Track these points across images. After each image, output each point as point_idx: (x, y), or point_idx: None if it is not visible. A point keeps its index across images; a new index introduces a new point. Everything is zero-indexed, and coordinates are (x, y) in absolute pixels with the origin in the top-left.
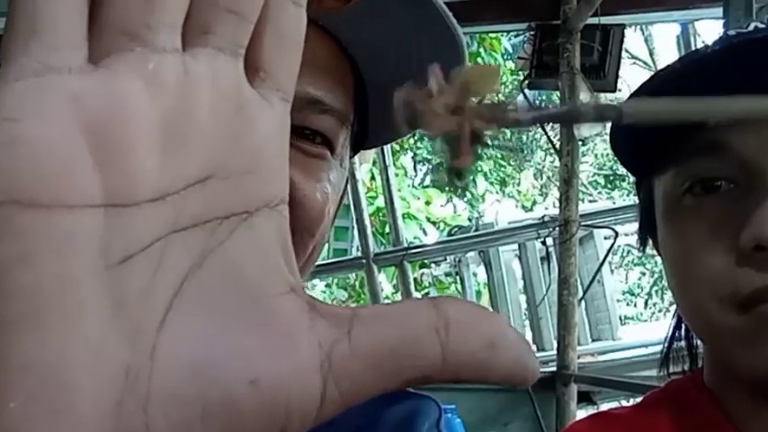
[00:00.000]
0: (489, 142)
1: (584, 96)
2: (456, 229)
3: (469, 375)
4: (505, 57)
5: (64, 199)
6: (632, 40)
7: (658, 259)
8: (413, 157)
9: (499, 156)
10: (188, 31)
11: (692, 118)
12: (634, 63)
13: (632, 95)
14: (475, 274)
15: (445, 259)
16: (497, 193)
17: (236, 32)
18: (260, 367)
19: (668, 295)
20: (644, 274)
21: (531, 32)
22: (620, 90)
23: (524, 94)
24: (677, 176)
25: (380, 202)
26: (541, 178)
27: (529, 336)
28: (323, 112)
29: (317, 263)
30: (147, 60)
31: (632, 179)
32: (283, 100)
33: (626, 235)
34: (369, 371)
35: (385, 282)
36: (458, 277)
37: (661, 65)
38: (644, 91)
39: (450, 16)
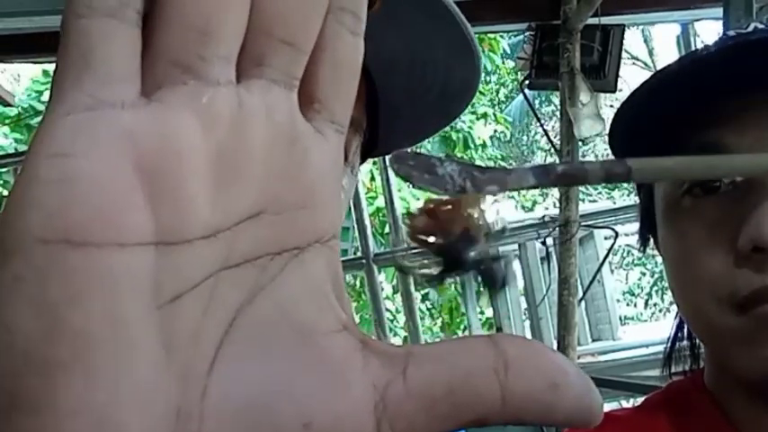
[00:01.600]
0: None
1: (584, 96)
2: None
3: (530, 418)
4: (505, 57)
5: (115, 237)
6: (632, 40)
7: (658, 259)
8: None
9: (499, 156)
10: (242, 62)
11: (699, 175)
12: (634, 63)
13: (632, 95)
14: None
15: None
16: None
17: (290, 64)
18: (313, 409)
19: (668, 295)
20: (644, 274)
21: (531, 32)
22: (620, 90)
23: (524, 94)
24: None
25: (380, 202)
26: None
27: (529, 336)
28: None
29: None
30: (201, 94)
31: None
32: (338, 132)
33: (626, 235)
34: (424, 412)
35: (385, 282)
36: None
37: (661, 65)
38: (643, 90)
39: (467, 24)
